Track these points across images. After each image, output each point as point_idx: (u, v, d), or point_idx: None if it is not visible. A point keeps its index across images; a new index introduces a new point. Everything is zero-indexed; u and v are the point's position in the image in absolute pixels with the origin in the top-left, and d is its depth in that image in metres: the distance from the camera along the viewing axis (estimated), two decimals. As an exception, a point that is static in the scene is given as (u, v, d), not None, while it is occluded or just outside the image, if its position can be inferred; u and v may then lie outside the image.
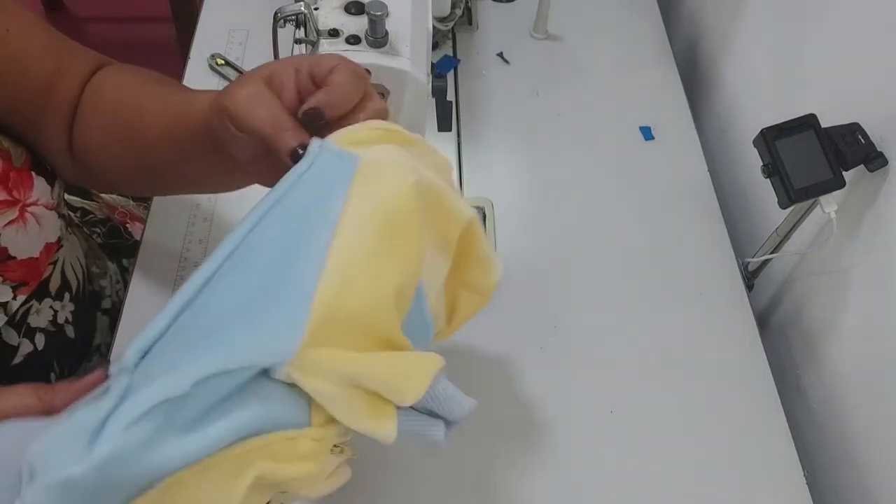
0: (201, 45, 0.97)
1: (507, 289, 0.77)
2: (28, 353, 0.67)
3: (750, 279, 0.82)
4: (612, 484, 0.66)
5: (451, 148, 0.89)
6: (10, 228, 0.62)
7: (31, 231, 0.64)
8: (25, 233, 0.63)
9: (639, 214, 0.84)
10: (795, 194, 0.66)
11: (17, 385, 0.46)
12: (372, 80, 0.57)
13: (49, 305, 0.69)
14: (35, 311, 0.67)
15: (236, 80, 0.51)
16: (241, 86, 0.49)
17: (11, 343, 0.65)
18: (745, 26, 0.94)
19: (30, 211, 0.63)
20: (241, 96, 0.48)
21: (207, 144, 0.54)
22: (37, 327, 0.67)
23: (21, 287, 0.64)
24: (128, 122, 0.62)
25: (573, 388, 0.71)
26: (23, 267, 0.64)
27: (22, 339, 0.66)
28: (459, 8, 0.98)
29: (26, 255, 0.64)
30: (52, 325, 0.69)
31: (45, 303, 0.68)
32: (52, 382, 0.69)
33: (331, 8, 0.58)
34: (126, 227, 0.91)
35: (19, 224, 0.62)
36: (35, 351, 0.67)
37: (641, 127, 0.92)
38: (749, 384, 0.72)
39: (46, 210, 0.65)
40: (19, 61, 0.61)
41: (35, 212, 0.64)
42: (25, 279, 0.64)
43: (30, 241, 0.64)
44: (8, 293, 0.63)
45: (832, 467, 0.73)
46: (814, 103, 0.69)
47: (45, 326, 0.68)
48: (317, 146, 0.45)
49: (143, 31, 2.11)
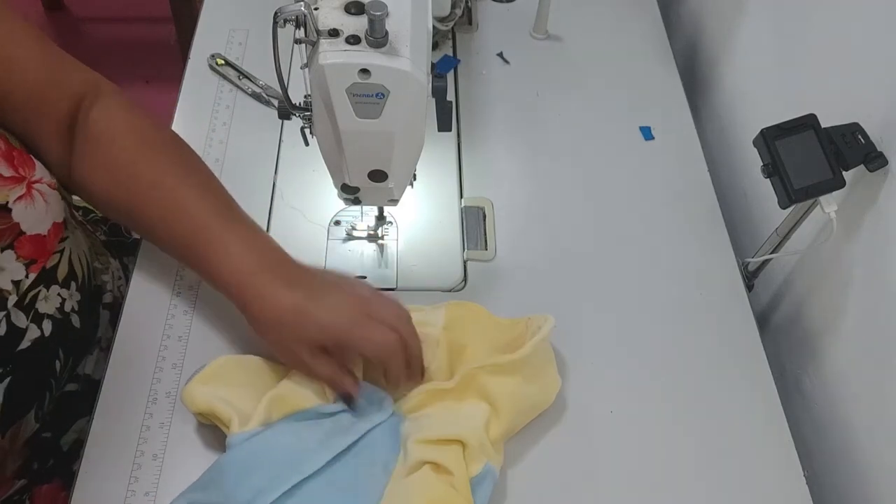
0: (201, 45, 0.97)
1: (507, 289, 0.77)
2: (35, 339, 0.67)
3: (750, 279, 0.82)
4: (612, 484, 0.66)
5: (451, 148, 0.89)
6: (20, 203, 0.63)
7: (38, 207, 0.65)
8: (34, 209, 0.65)
9: (639, 214, 0.84)
10: (795, 194, 0.66)
11: None
12: (372, 80, 0.57)
13: (57, 293, 0.69)
14: (43, 297, 0.68)
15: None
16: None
17: (20, 326, 0.65)
18: (745, 26, 0.94)
19: (36, 188, 0.65)
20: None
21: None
22: (45, 313, 0.68)
23: (31, 265, 0.65)
24: (136, 208, 0.69)
25: (573, 388, 0.71)
26: (32, 243, 0.65)
27: (30, 323, 0.66)
28: (459, 8, 0.98)
29: (35, 232, 0.65)
30: (59, 313, 0.70)
31: (52, 289, 0.69)
32: (56, 371, 0.70)
33: (331, 8, 0.58)
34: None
35: (28, 200, 0.64)
36: (42, 337, 0.68)
37: (641, 127, 0.92)
38: (749, 384, 0.72)
39: (50, 189, 0.67)
40: (8, 67, 0.63)
41: (41, 189, 0.65)
42: (35, 256, 0.66)
43: (38, 218, 0.65)
44: (21, 270, 0.64)
45: (832, 467, 0.73)
46: (814, 103, 0.69)
47: (52, 313, 0.69)
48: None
49: (143, 31, 2.11)
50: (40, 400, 0.70)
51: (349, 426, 0.63)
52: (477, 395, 0.65)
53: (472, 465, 0.62)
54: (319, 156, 0.66)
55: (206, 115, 0.90)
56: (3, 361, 0.64)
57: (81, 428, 0.74)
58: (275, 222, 0.81)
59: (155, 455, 0.64)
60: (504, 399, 0.65)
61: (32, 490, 0.72)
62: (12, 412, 0.67)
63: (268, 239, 0.68)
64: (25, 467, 0.72)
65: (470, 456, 0.62)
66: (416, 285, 0.77)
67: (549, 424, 0.68)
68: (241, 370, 0.66)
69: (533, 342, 0.66)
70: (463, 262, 0.79)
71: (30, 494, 0.71)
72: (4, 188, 0.62)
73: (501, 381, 0.65)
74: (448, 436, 0.62)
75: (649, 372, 0.72)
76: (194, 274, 0.69)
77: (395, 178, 0.66)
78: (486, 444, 0.63)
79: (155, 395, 0.68)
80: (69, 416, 0.75)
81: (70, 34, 2.08)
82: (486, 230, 0.82)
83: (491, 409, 0.65)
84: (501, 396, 0.65)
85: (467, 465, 0.62)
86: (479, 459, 0.62)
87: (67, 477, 0.72)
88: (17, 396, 0.66)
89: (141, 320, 0.73)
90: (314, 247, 0.79)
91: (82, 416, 0.73)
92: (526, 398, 0.66)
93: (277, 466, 0.60)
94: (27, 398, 0.68)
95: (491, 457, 0.63)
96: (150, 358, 0.70)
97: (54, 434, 0.74)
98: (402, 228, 0.82)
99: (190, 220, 0.66)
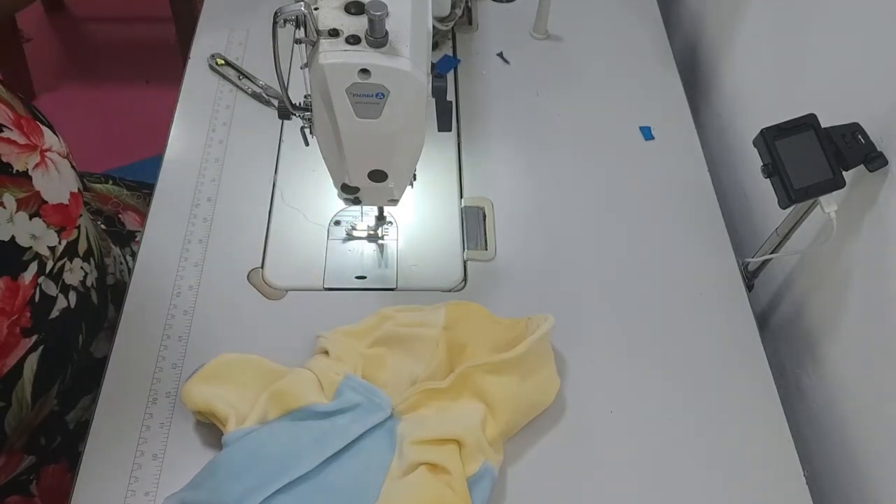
0: (201, 45, 0.97)
1: (507, 289, 0.77)
2: (63, 309, 0.68)
3: (750, 279, 0.82)
4: (613, 483, 0.66)
5: (451, 148, 0.89)
6: (38, 171, 0.64)
7: (53, 176, 0.66)
8: (49, 178, 0.66)
9: (639, 214, 0.84)
10: (795, 194, 0.66)
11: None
12: (372, 80, 0.57)
13: (80, 266, 0.71)
14: (69, 268, 0.69)
15: None
16: None
17: (51, 294, 0.67)
18: (745, 26, 0.94)
19: (48, 157, 0.66)
20: None
21: None
22: (70, 284, 0.69)
23: (62, 232, 0.67)
24: None
25: (573, 388, 0.71)
26: (57, 212, 0.66)
27: (59, 293, 0.67)
28: (459, 8, 0.98)
29: (57, 201, 0.66)
30: (82, 287, 0.71)
31: (76, 262, 0.70)
32: (79, 345, 0.70)
33: (331, 8, 0.58)
34: (119, 218, 0.92)
35: (43, 168, 0.65)
36: (68, 307, 0.69)
37: (641, 127, 0.92)
38: (749, 384, 0.72)
39: (60, 157, 0.68)
40: None
41: (52, 158, 0.66)
42: (63, 224, 0.67)
43: (56, 187, 0.66)
44: (54, 237, 0.66)
45: (832, 467, 0.73)
46: (814, 103, 0.69)
47: (76, 285, 0.70)
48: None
49: (143, 31, 2.12)
50: (63, 374, 0.71)
51: (346, 427, 0.63)
52: (472, 395, 0.66)
53: (469, 465, 0.62)
54: (319, 156, 0.66)
55: (206, 115, 0.90)
56: (39, 329, 0.65)
57: (87, 406, 0.76)
58: (275, 222, 0.81)
59: (155, 455, 0.65)
60: (499, 398, 0.65)
61: (40, 469, 0.72)
62: (43, 383, 0.68)
63: None
64: (33, 443, 0.72)
65: (467, 455, 0.62)
66: (416, 285, 0.77)
67: (549, 424, 0.68)
68: (240, 369, 0.67)
69: (528, 341, 0.66)
70: (463, 262, 0.79)
71: (37, 474, 0.72)
72: (22, 155, 0.62)
73: (496, 381, 0.65)
74: (444, 435, 0.62)
75: (649, 372, 0.72)
76: (194, 273, 0.69)
77: (395, 178, 0.66)
78: (483, 443, 0.63)
79: (155, 395, 0.68)
80: (76, 393, 0.75)
81: (70, 34, 2.08)
82: (486, 230, 0.82)
83: (486, 408, 0.65)
84: (497, 395, 0.65)
85: (464, 464, 0.62)
86: (476, 458, 0.62)
87: (73, 457, 0.73)
88: (48, 366, 0.68)
89: (141, 320, 0.73)
90: (314, 247, 0.79)
91: (86, 393, 0.74)
92: (522, 397, 0.66)
93: (269, 466, 0.60)
94: (55, 369, 0.70)
95: (489, 456, 0.63)
96: (151, 357, 0.70)
97: (62, 409, 0.74)
98: (402, 228, 0.82)
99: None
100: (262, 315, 0.72)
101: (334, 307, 0.74)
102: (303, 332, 0.70)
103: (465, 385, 0.66)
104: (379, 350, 0.69)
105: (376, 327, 0.70)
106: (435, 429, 0.63)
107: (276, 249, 0.79)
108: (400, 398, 0.65)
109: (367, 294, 0.76)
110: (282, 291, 0.76)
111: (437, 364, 0.67)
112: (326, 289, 0.76)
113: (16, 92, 0.68)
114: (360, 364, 0.66)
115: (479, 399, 0.65)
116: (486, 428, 0.64)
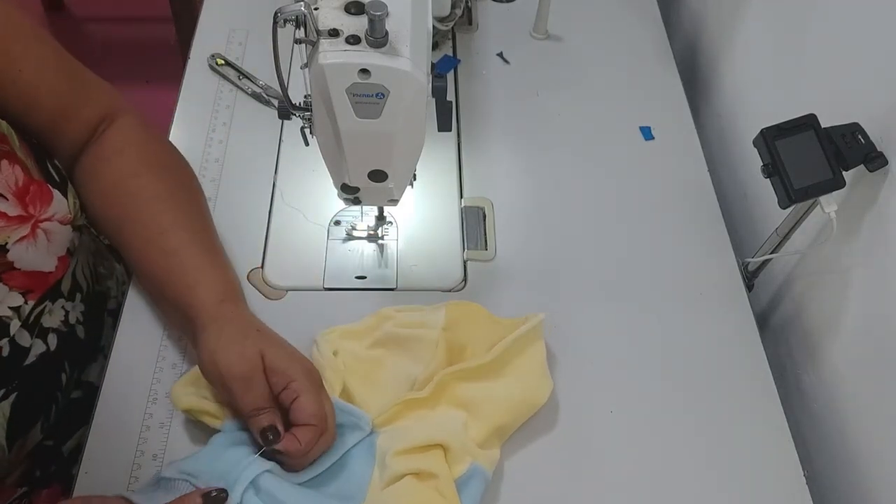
0: (201, 45, 0.97)
1: (507, 289, 0.77)
2: (41, 354, 0.67)
3: (750, 279, 0.82)
4: (613, 484, 0.66)
5: (451, 148, 0.89)
6: (21, 245, 0.62)
7: (40, 247, 0.64)
8: (35, 249, 0.64)
9: (639, 214, 0.84)
10: (795, 194, 0.66)
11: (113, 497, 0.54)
12: (372, 80, 0.57)
13: (61, 306, 0.69)
14: (48, 311, 0.67)
15: (237, 344, 0.60)
16: (239, 362, 0.59)
17: (24, 345, 0.65)
18: (745, 26, 0.94)
19: (42, 227, 0.64)
20: (237, 373, 0.59)
21: (182, 326, 0.67)
22: (49, 327, 0.68)
23: (29, 293, 0.65)
24: (127, 238, 0.70)
25: (573, 388, 0.71)
26: (27, 277, 0.64)
27: (35, 339, 0.66)
28: (459, 8, 0.98)
29: (32, 269, 0.64)
30: (64, 326, 0.69)
31: (57, 303, 0.68)
32: (62, 384, 0.69)
33: (331, 8, 0.58)
34: None
35: (30, 241, 0.63)
36: (48, 351, 0.67)
37: (641, 127, 0.92)
38: (749, 384, 0.72)
39: (60, 225, 0.66)
40: (26, 99, 0.64)
41: (47, 227, 0.64)
42: (31, 287, 0.65)
43: (40, 257, 0.64)
44: (19, 298, 0.64)
45: (832, 467, 0.73)
46: (814, 103, 0.69)
47: (57, 327, 0.68)
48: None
49: (143, 31, 2.12)
50: (46, 413, 0.70)
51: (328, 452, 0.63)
52: (449, 402, 0.65)
53: (456, 466, 0.61)
54: (319, 156, 0.66)
55: (206, 115, 0.90)
56: (8, 379, 0.64)
57: (84, 435, 0.74)
58: (275, 222, 0.81)
59: (155, 455, 0.65)
60: (479, 401, 0.65)
61: (31, 497, 0.72)
62: (18, 427, 0.67)
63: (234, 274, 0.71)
64: (27, 475, 0.71)
65: (453, 457, 0.62)
66: (416, 285, 0.77)
67: (548, 424, 0.68)
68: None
69: (503, 343, 0.66)
70: (463, 262, 0.79)
71: (30, 500, 0.71)
72: (7, 229, 0.61)
73: (474, 386, 0.65)
74: (427, 441, 0.62)
75: (649, 372, 0.72)
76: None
77: (395, 178, 0.66)
78: (469, 444, 0.62)
79: (155, 395, 0.68)
80: (72, 424, 0.74)
81: (70, 34, 2.08)
82: (486, 230, 0.82)
83: (467, 413, 0.65)
84: (476, 399, 0.65)
85: (450, 466, 0.61)
86: (462, 460, 0.62)
87: (67, 481, 0.72)
88: (24, 411, 0.66)
89: (141, 321, 0.73)
90: (314, 247, 0.79)
91: (85, 423, 0.73)
92: (509, 398, 0.66)
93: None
94: (33, 412, 0.68)
95: (476, 456, 0.62)
96: (150, 358, 0.70)
97: (57, 442, 0.73)
98: (402, 228, 0.82)
99: (167, 243, 0.67)
100: (262, 315, 0.72)
101: (334, 307, 0.74)
102: (303, 332, 0.70)
103: (444, 392, 0.66)
104: (378, 352, 0.69)
105: (376, 327, 0.70)
106: (417, 437, 0.62)
107: (276, 249, 0.79)
108: (389, 406, 0.65)
109: (367, 294, 0.76)
110: (282, 291, 0.76)
111: (437, 365, 0.67)
112: (326, 289, 0.76)
113: (42, 148, 0.66)
114: (338, 385, 0.66)
115: (457, 405, 0.65)
116: (470, 430, 0.64)
